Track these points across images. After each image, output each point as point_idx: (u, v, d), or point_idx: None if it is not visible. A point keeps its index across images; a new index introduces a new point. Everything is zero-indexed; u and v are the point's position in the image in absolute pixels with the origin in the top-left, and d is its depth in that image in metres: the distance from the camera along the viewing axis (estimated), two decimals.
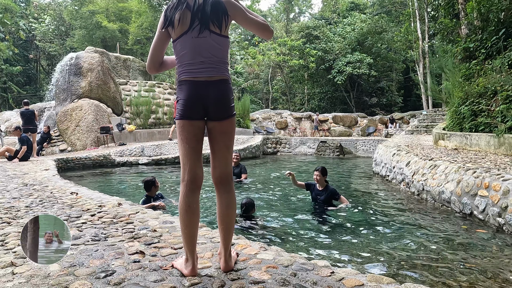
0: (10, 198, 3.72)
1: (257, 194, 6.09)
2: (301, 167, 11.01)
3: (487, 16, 8.83)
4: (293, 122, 22.73)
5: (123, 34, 26.80)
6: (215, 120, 1.67)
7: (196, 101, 1.62)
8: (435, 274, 2.55)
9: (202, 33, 1.62)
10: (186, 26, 1.62)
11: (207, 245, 2.08)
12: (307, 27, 29.41)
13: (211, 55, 1.64)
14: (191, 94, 1.63)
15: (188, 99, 1.63)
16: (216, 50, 1.66)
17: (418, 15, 21.95)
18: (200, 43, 1.63)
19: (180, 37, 1.64)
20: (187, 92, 1.63)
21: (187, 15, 1.62)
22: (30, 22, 31.67)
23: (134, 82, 16.73)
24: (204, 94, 1.63)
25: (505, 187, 3.44)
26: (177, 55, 1.68)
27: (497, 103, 6.63)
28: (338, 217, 4.35)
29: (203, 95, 1.63)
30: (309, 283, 1.52)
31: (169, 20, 1.64)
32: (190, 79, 1.63)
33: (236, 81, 35.91)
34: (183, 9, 1.62)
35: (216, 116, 1.66)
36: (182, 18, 1.62)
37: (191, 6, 1.63)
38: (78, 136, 12.67)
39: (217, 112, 1.66)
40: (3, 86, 29.08)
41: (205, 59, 1.63)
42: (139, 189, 6.62)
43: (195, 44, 1.62)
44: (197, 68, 1.63)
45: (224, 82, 1.68)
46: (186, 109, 1.63)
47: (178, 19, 1.62)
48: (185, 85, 1.64)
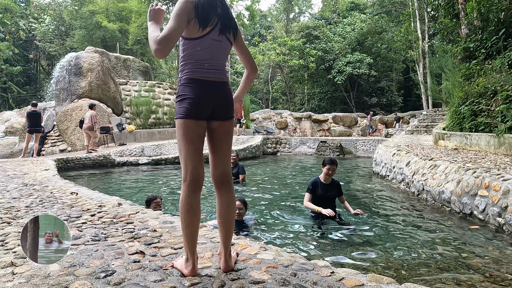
0: (10, 198, 3.72)
1: (258, 193, 6.10)
2: (301, 166, 11.01)
3: (487, 16, 8.83)
4: (293, 122, 22.72)
5: (123, 34, 26.79)
6: (220, 120, 1.71)
7: (206, 100, 1.65)
8: (435, 274, 2.55)
9: (220, 37, 1.69)
10: (211, 28, 1.67)
11: (207, 245, 2.09)
12: (307, 27, 29.40)
13: (221, 59, 1.72)
14: (201, 93, 1.64)
15: (198, 97, 1.64)
16: (225, 55, 1.75)
17: (418, 15, 21.95)
18: (217, 45, 1.69)
19: (203, 36, 1.65)
20: (198, 90, 1.64)
21: (215, 17, 1.68)
22: (30, 22, 31.67)
23: (134, 82, 16.73)
24: (214, 93, 1.67)
25: (505, 187, 3.44)
26: (190, 52, 1.66)
27: (497, 103, 6.63)
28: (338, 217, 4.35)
29: (213, 94, 1.67)
30: (309, 283, 1.52)
31: (202, 18, 1.63)
32: (201, 78, 1.65)
33: (236, 81, 35.91)
34: (215, 10, 1.68)
35: (222, 115, 1.71)
36: (212, 20, 1.66)
37: (217, 10, 1.69)
38: (78, 136, 12.67)
39: (224, 111, 1.71)
40: (3, 86, 29.08)
41: (216, 61, 1.69)
42: (139, 189, 6.62)
43: (213, 46, 1.68)
44: (209, 68, 1.67)
45: (228, 84, 1.77)
46: (194, 108, 1.63)
47: (210, 20, 1.66)
48: (195, 83, 1.65)
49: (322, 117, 22.85)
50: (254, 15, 28.42)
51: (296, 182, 7.62)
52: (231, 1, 26.65)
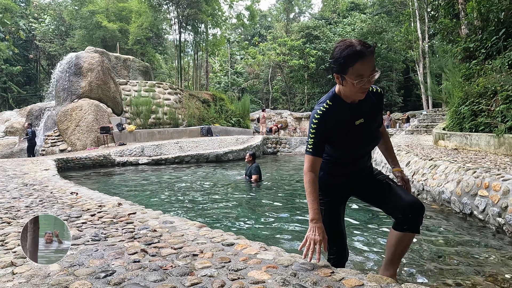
0: (10, 198, 3.72)
1: (259, 193, 6.10)
2: (300, 166, 11.00)
3: (487, 16, 8.82)
4: (293, 122, 22.72)
5: (123, 34, 26.77)
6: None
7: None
8: (435, 274, 2.55)
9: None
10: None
11: (207, 245, 2.08)
12: (307, 27, 29.43)
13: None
14: None
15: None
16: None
17: (418, 15, 21.95)
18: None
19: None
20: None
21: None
22: (30, 22, 31.67)
23: (134, 82, 16.73)
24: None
25: (505, 187, 3.43)
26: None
27: (497, 103, 6.63)
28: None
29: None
30: (309, 283, 1.52)
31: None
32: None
33: (236, 81, 35.91)
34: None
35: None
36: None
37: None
38: (78, 136, 12.68)
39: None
40: (3, 86, 29.09)
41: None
42: (139, 189, 6.62)
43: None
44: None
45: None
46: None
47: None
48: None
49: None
50: (254, 15, 28.42)
51: (296, 182, 7.62)
52: (231, 1, 26.65)
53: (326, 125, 1.72)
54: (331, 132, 1.73)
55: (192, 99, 19.58)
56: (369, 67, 1.55)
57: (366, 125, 1.79)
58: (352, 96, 1.68)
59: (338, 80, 1.66)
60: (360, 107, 1.75)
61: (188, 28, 25.30)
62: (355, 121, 1.75)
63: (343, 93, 1.71)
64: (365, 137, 1.80)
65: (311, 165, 1.76)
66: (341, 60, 1.58)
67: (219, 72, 38.36)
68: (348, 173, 1.94)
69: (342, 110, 1.73)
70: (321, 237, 1.68)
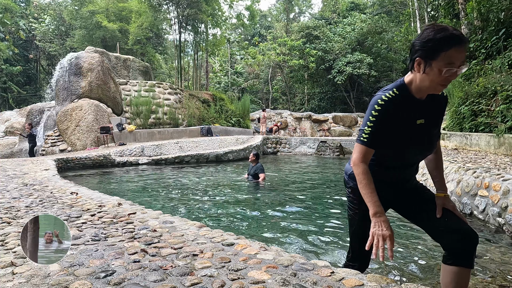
0: (10, 198, 3.72)
1: (259, 193, 6.10)
2: (300, 165, 11.01)
3: (487, 16, 8.83)
4: (293, 122, 22.73)
5: (123, 34, 26.76)
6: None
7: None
8: (435, 274, 2.55)
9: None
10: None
11: (207, 245, 2.08)
12: (307, 27, 29.40)
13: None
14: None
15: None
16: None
17: (418, 15, 21.93)
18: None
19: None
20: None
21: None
22: (30, 22, 31.66)
23: (134, 82, 16.73)
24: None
25: (505, 187, 3.43)
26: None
27: (497, 103, 6.63)
28: (338, 217, 4.35)
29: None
30: (309, 283, 1.52)
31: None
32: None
33: (236, 81, 35.92)
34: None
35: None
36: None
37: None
38: (78, 136, 12.67)
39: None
40: (3, 86, 29.07)
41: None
42: (139, 189, 6.62)
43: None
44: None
45: None
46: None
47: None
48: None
49: (322, 117, 22.85)
50: (254, 15, 28.42)
51: (296, 181, 7.62)
52: (231, 1, 26.65)
53: (388, 113, 1.50)
54: (389, 123, 1.52)
55: (192, 99, 19.58)
56: (462, 57, 1.38)
57: (426, 128, 1.58)
58: (429, 88, 1.48)
59: (419, 66, 1.45)
60: (426, 106, 1.56)
61: (188, 28, 25.29)
62: (417, 119, 1.55)
63: (417, 84, 1.50)
64: (422, 141, 1.59)
65: (363, 156, 1.55)
66: (435, 42, 1.38)
67: (219, 72, 38.37)
68: (391, 180, 1.71)
69: (407, 103, 1.53)
70: (389, 232, 1.51)
